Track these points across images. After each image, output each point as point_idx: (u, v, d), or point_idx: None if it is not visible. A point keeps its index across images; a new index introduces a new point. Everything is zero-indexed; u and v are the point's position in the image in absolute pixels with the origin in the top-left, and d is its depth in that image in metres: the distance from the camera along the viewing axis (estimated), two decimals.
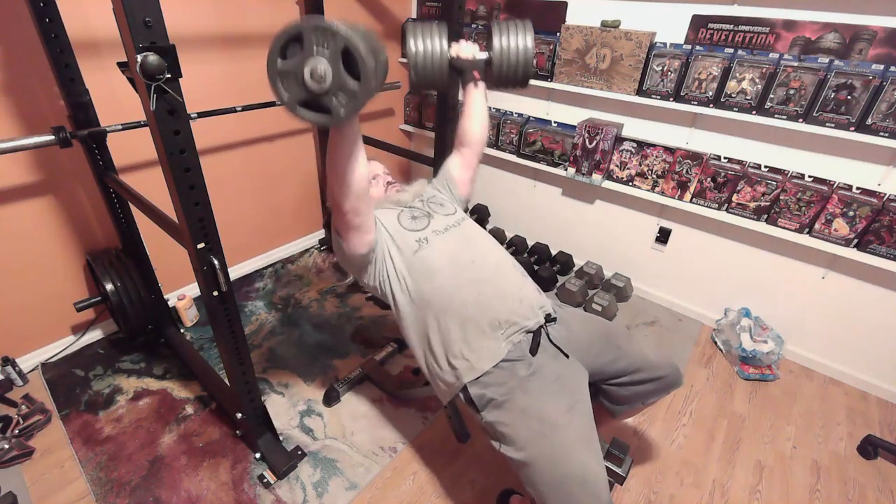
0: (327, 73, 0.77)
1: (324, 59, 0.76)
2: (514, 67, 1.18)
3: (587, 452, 0.95)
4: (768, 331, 2.02)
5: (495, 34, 1.18)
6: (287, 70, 0.78)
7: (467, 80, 1.30)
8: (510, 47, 1.17)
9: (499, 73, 1.19)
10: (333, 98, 0.79)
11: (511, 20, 1.19)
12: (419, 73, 1.14)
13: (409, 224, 1.23)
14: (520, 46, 1.17)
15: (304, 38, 0.76)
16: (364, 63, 0.76)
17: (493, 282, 1.15)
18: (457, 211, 1.33)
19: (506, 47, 1.17)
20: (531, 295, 1.17)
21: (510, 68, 1.18)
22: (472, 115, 1.36)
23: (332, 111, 0.80)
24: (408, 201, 1.33)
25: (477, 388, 1.07)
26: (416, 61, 1.13)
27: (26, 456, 1.49)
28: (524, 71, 1.19)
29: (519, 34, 1.17)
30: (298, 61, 0.77)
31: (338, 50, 0.76)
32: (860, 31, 1.57)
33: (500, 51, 1.17)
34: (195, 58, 1.88)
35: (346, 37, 0.74)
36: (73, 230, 1.79)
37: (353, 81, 0.78)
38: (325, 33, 0.75)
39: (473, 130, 1.37)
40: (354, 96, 0.79)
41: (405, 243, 1.19)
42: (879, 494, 1.54)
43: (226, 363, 1.36)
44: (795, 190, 1.79)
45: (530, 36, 1.17)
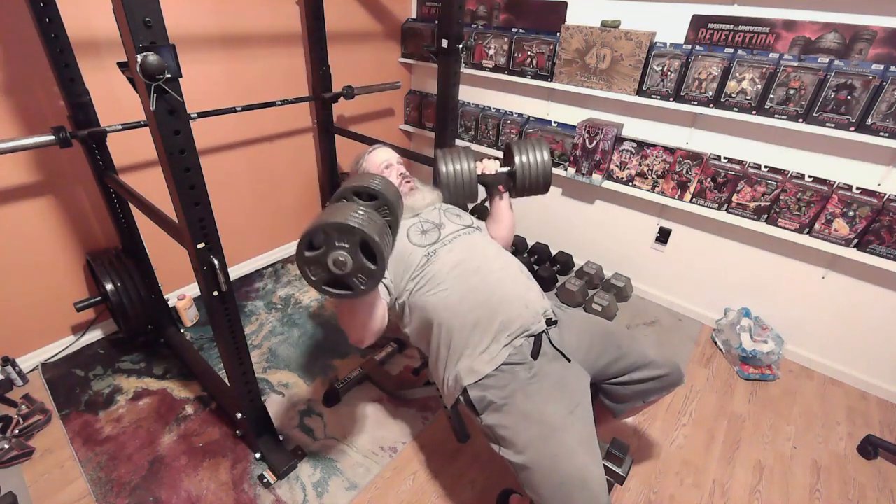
0: (348, 262, 0.89)
1: (344, 251, 0.88)
2: (535, 178, 1.35)
3: (587, 456, 0.95)
4: (768, 331, 2.02)
5: (515, 152, 1.35)
6: (314, 259, 0.90)
7: (493, 194, 1.45)
8: (529, 162, 1.34)
9: (522, 184, 1.36)
10: (354, 278, 0.91)
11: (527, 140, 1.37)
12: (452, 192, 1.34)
13: (417, 240, 1.27)
14: (538, 160, 1.34)
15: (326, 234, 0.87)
16: (381, 252, 0.88)
17: (499, 287, 1.16)
18: (472, 222, 1.38)
19: (526, 162, 1.34)
20: (536, 299, 1.18)
21: (532, 180, 1.35)
22: (500, 222, 1.47)
23: (353, 288, 0.93)
24: (420, 207, 1.36)
25: (477, 391, 1.07)
26: (449, 182, 1.32)
27: (26, 456, 1.49)
28: (545, 180, 1.36)
29: (536, 151, 1.34)
30: (323, 254, 0.89)
31: (356, 242, 0.88)
32: (860, 31, 1.57)
33: (521, 166, 1.34)
34: (195, 58, 1.88)
35: (363, 233, 0.86)
36: (73, 230, 1.79)
37: (371, 264, 0.90)
38: (344, 230, 0.86)
39: (501, 234, 1.46)
40: (372, 274, 0.91)
41: (413, 262, 1.23)
42: (879, 494, 1.54)
43: (226, 363, 1.36)
44: (795, 190, 1.79)
45: (546, 151, 1.34)
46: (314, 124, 2.47)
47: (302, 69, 2.30)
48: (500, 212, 1.45)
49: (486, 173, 1.38)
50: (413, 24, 2.65)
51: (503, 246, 1.44)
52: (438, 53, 1.80)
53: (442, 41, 1.75)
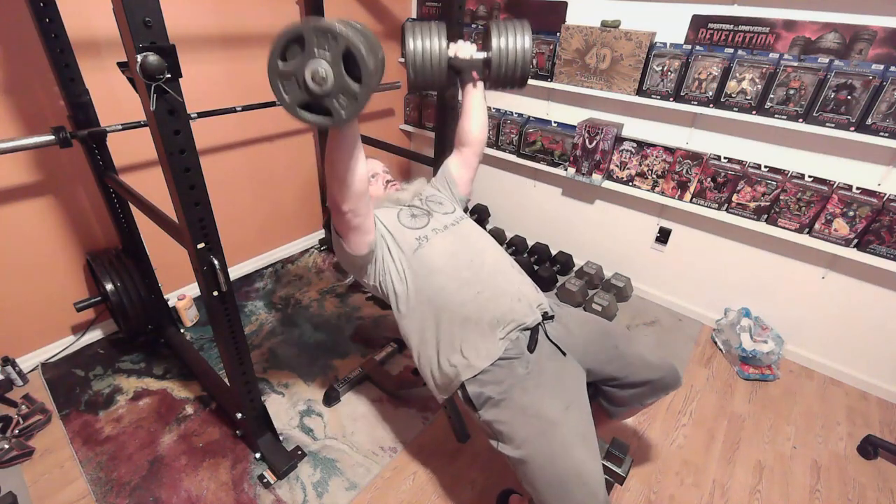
0: (328, 76, 0.76)
1: (325, 62, 0.76)
2: (513, 67, 1.18)
3: (585, 450, 0.95)
4: (768, 331, 2.02)
5: (494, 34, 1.17)
6: (288, 72, 0.78)
7: (466, 81, 1.31)
8: (508, 47, 1.16)
9: (497, 73, 1.19)
10: (335, 100, 0.79)
11: (509, 20, 1.18)
12: (417, 73, 1.14)
13: (408, 222, 1.24)
14: (518, 46, 1.16)
15: (305, 39, 0.75)
16: (366, 65, 0.75)
17: (492, 280, 1.15)
18: (456, 210, 1.34)
19: (504, 47, 1.16)
20: (529, 293, 1.17)
21: (509, 68, 1.18)
22: (472, 115, 1.36)
23: (333, 113, 0.80)
24: (407, 200, 1.33)
25: (475, 387, 1.07)
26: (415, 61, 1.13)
27: (26, 456, 1.49)
28: (522, 71, 1.18)
29: (517, 34, 1.16)
30: (299, 63, 0.77)
31: (339, 52, 0.75)
32: (860, 31, 1.57)
33: (499, 51, 1.16)
34: (195, 58, 1.88)
35: (347, 39, 0.74)
36: (73, 230, 1.79)
37: (355, 83, 0.77)
38: (326, 35, 0.74)
39: (472, 130, 1.37)
40: (355, 98, 0.79)
41: (405, 242, 1.19)
42: (879, 494, 1.54)
43: (226, 363, 1.36)
44: (795, 190, 1.79)
45: (528, 36, 1.16)
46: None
47: None
48: (472, 104, 1.35)
49: (460, 56, 1.21)
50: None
51: (476, 147, 1.39)
52: None
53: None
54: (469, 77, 1.29)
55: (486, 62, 1.20)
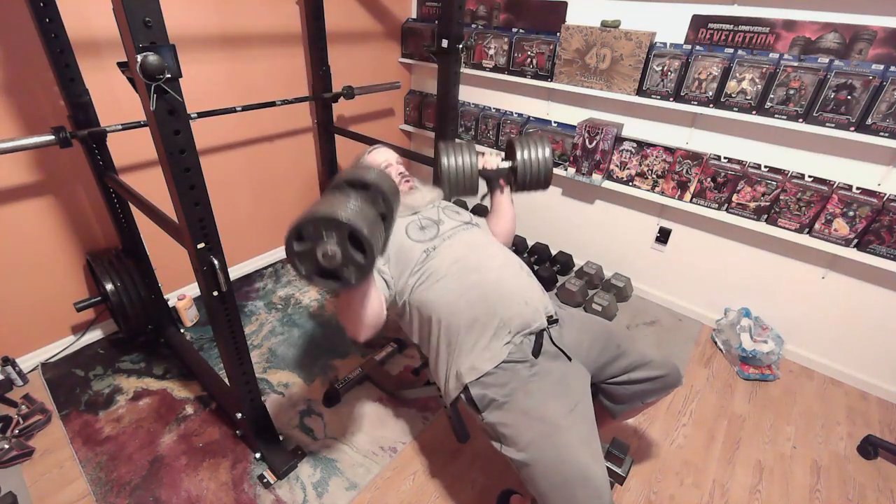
0: (336, 254, 0.87)
1: (333, 243, 0.87)
2: (536, 174, 1.34)
3: (588, 453, 0.95)
4: (768, 331, 2.02)
5: (517, 148, 1.34)
6: (303, 252, 0.89)
7: (494, 188, 1.43)
8: (531, 158, 1.32)
9: (523, 180, 1.35)
10: (344, 269, 0.90)
11: (529, 135, 1.37)
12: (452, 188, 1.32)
13: (416, 235, 1.27)
14: (539, 156, 1.32)
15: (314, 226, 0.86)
16: (370, 245, 0.86)
17: (499, 284, 1.16)
18: (471, 219, 1.38)
19: (527, 158, 1.32)
20: (536, 297, 1.18)
21: (533, 176, 1.34)
22: (501, 217, 1.46)
23: (342, 280, 0.91)
24: (420, 206, 1.35)
25: (478, 389, 1.07)
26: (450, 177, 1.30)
27: (26, 456, 1.49)
28: (546, 176, 1.34)
29: (538, 146, 1.33)
30: (311, 245, 0.88)
31: (344, 236, 0.86)
32: (860, 31, 1.57)
33: (523, 162, 1.33)
34: (195, 58, 1.88)
35: (350, 225, 0.84)
36: (73, 230, 1.79)
37: (360, 255, 0.88)
38: (331, 223, 0.85)
39: (503, 231, 1.46)
40: (362, 266, 0.90)
41: (412, 258, 1.22)
42: (879, 494, 1.54)
43: (226, 363, 1.36)
44: (795, 190, 1.79)
45: (548, 147, 1.33)
46: (314, 124, 2.47)
47: (302, 69, 2.30)
48: (501, 207, 1.45)
49: (488, 168, 1.38)
50: (413, 24, 2.65)
51: (504, 242, 1.44)
52: (438, 53, 1.80)
53: (442, 41, 1.75)
54: (497, 185, 1.42)
55: (511, 169, 1.36)
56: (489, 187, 1.45)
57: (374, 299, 1.11)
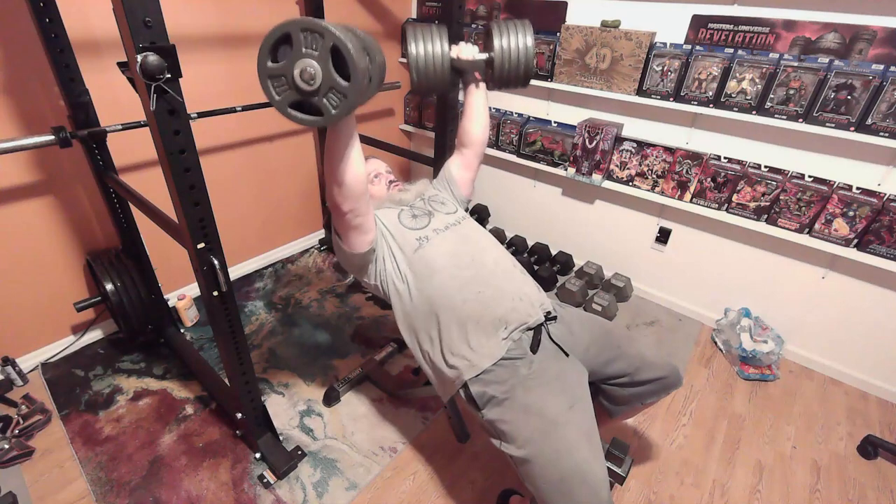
0: (317, 74, 0.76)
1: (313, 59, 0.76)
2: (516, 67, 1.18)
3: (588, 450, 0.95)
4: (768, 331, 2.02)
5: (495, 34, 1.17)
6: (277, 71, 0.78)
7: (468, 82, 1.31)
8: (511, 47, 1.16)
9: (500, 73, 1.19)
10: (325, 98, 0.79)
11: (510, 20, 1.18)
12: (421, 76, 1.13)
13: (409, 223, 1.24)
14: (520, 46, 1.16)
15: (292, 38, 0.76)
16: (354, 61, 0.75)
17: (493, 280, 1.16)
18: (458, 210, 1.34)
19: (506, 47, 1.16)
20: (531, 292, 1.17)
21: (511, 68, 1.18)
22: (473, 116, 1.37)
23: (323, 111, 0.80)
24: (409, 200, 1.33)
25: (478, 386, 1.07)
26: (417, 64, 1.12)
27: (26, 456, 1.49)
28: (525, 70, 1.18)
29: (519, 34, 1.17)
30: (288, 63, 0.77)
31: (327, 49, 0.75)
32: (860, 31, 1.57)
33: (501, 51, 1.16)
34: (195, 58, 1.88)
35: (334, 35, 0.74)
36: (73, 230, 1.79)
37: (344, 80, 0.77)
38: (313, 33, 0.75)
39: (474, 131, 1.38)
40: (346, 96, 0.79)
41: (406, 242, 1.19)
42: (879, 494, 1.54)
43: (226, 363, 1.36)
44: (795, 190, 1.79)
45: (530, 35, 1.16)
46: None
47: None
48: (475, 105, 1.36)
49: (462, 58, 1.21)
50: (413, 24, 2.64)
51: (477, 149, 1.39)
52: None
53: None
54: (472, 78, 1.29)
55: (488, 62, 1.20)
56: (463, 81, 1.31)
57: (358, 158, 0.99)
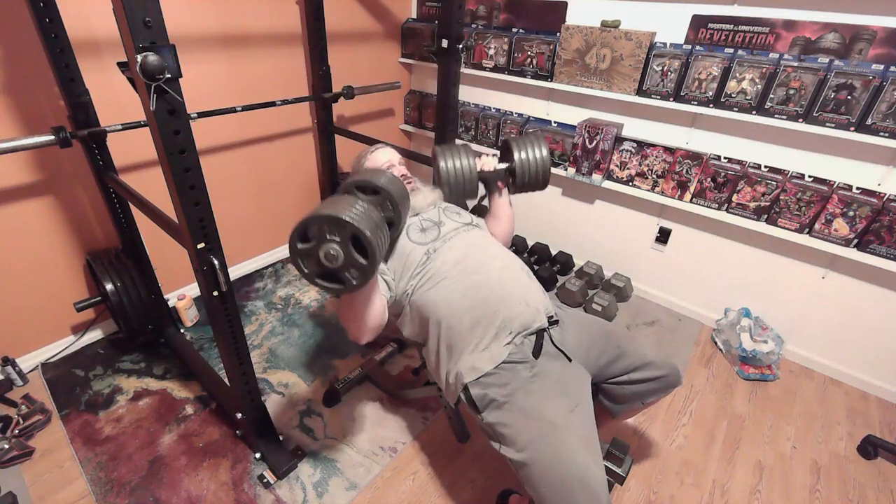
0: (339, 255, 0.89)
1: (335, 244, 0.88)
2: (534, 174, 1.34)
3: (588, 454, 0.95)
4: (768, 331, 2.02)
5: (514, 149, 1.33)
6: (306, 251, 0.90)
7: (492, 190, 1.43)
8: (529, 158, 1.32)
9: (521, 180, 1.35)
10: (346, 272, 0.91)
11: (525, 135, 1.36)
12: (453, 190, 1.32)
13: (417, 237, 1.27)
14: (537, 156, 1.32)
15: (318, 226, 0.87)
16: (372, 248, 0.87)
17: (499, 285, 1.16)
18: (472, 220, 1.38)
19: (525, 158, 1.32)
20: (537, 297, 1.18)
21: (531, 176, 1.34)
22: (500, 218, 1.46)
23: (345, 283, 0.93)
24: (421, 207, 1.35)
25: (478, 389, 1.07)
26: (449, 179, 1.30)
27: (26, 456, 1.49)
28: (543, 176, 1.35)
29: (535, 146, 1.33)
30: (315, 246, 0.89)
31: (347, 237, 0.87)
32: (860, 31, 1.57)
33: (521, 162, 1.33)
34: (195, 58, 1.88)
35: (353, 226, 0.86)
36: (73, 230, 1.79)
37: (362, 259, 0.89)
38: (335, 223, 0.86)
39: (500, 230, 1.47)
40: (364, 270, 0.91)
41: (414, 259, 1.22)
42: (879, 494, 1.54)
43: (226, 363, 1.36)
44: (795, 190, 1.79)
45: (545, 147, 1.33)
46: (314, 124, 2.47)
47: (302, 69, 2.30)
48: (500, 208, 1.45)
49: (486, 170, 1.38)
50: (413, 24, 2.65)
51: (504, 242, 1.44)
52: (438, 53, 1.80)
53: (442, 41, 1.75)
54: (495, 186, 1.42)
55: (509, 171, 1.37)
56: (487, 189, 1.45)
57: (376, 302, 1.11)
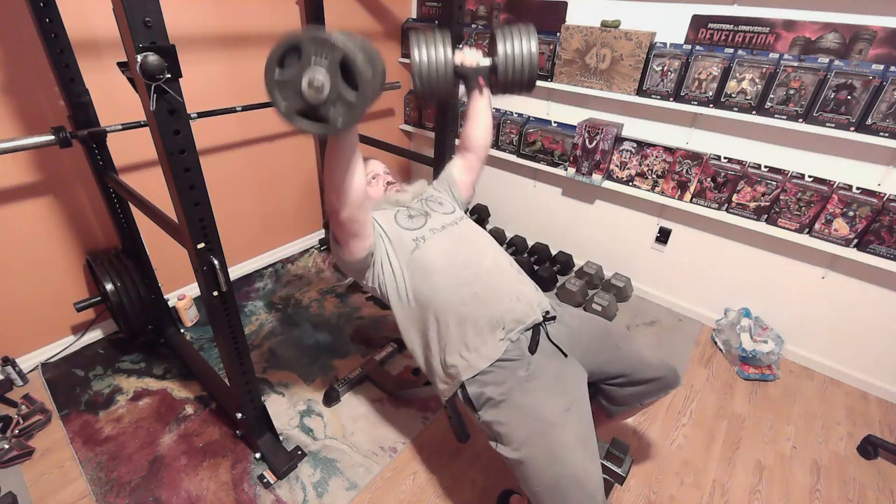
0: (325, 84, 0.77)
1: (322, 70, 0.76)
2: (520, 72, 1.17)
3: (584, 453, 0.95)
4: (768, 331, 2.02)
5: (499, 39, 1.16)
6: (285, 80, 0.79)
7: (472, 87, 1.30)
8: (515, 52, 1.16)
9: (504, 78, 1.18)
10: (331, 108, 0.80)
11: (514, 24, 1.17)
12: (424, 82, 1.13)
13: (405, 223, 1.24)
14: (524, 51, 1.15)
15: (302, 48, 0.76)
16: (362, 74, 0.76)
17: (490, 280, 1.15)
18: (455, 210, 1.34)
19: (510, 52, 1.15)
20: (529, 292, 1.17)
21: (516, 73, 1.17)
22: (477, 121, 1.36)
23: (329, 121, 0.81)
24: (407, 201, 1.33)
25: (475, 387, 1.07)
26: (421, 70, 1.12)
27: (26, 456, 1.49)
28: (529, 76, 1.18)
29: (523, 38, 1.15)
30: (296, 71, 0.77)
31: (336, 61, 0.76)
32: (860, 31, 1.57)
33: (505, 56, 1.16)
34: (195, 58, 1.88)
35: (344, 48, 0.75)
36: (73, 230, 1.79)
37: (351, 92, 0.79)
38: (323, 44, 0.75)
39: (477, 136, 1.37)
40: (352, 106, 0.80)
41: (402, 243, 1.19)
42: (879, 494, 1.54)
43: (226, 363, 1.36)
44: (795, 190, 1.79)
45: (534, 40, 1.15)
46: None
47: None
48: (478, 111, 1.35)
49: (466, 64, 1.21)
50: (413, 24, 2.65)
51: (479, 154, 1.39)
52: None
53: None
54: (475, 84, 1.28)
55: (492, 68, 1.20)
56: (467, 87, 1.30)
57: (356, 163, 1.00)
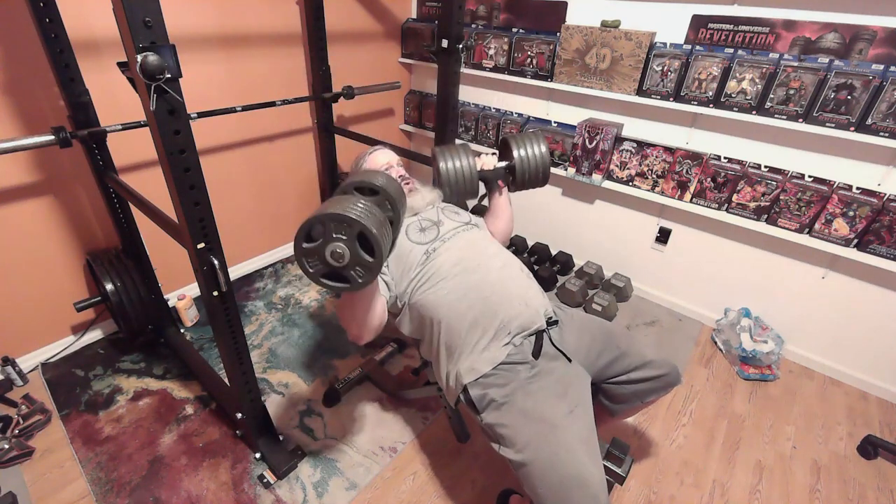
0: (345, 253, 0.89)
1: (342, 243, 0.89)
2: (535, 171, 1.35)
3: (586, 455, 0.95)
4: (768, 331, 2.02)
5: (513, 146, 1.34)
6: (311, 250, 0.90)
7: (492, 188, 1.43)
8: (528, 155, 1.33)
9: (521, 178, 1.36)
10: (351, 271, 0.92)
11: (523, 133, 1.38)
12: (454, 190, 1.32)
13: (416, 237, 1.27)
14: (536, 153, 1.33)
15: (325, 225, 0.88)
16: (379, 245, 0.88)
17: (499, 285, 1.16)
18: (470, 219, 1.38)
19: (524, 156, 1.33)
20: (536, 298, 1.18)
21: (531, 173, 1.35)
22: (502, 217, 1.46)
23: (351, 281, 0.93)
24: (420, 207, 1.35)
25: (477, 390, 1.07)
26: (449, 179, 1.30)
27: (26, 456, 1.49)
28: (544, 174, 1.36)
29: (534, 143, 1.33)
30: (321, 245, 0.89)
31: (354, 235, 0.88)
32: (860, 31, 1.57)
33: (521, 159, 1.33)
34: (195, 58, 1.88)
35: (361, 225, 0.87)
36: (73, 230, 1.79)
37: (368, 257, 0.90)
38: (342, 220, 0.87)
39: (501, 228, 1.47)
40: (370, 268, 0.91)
41: (413, 259, 1.22)
42: (879, 494, 1.54)
43: (226, 363, 1.36)
44: (795, 190, 1.79)
45: (544, 144, 1.33)
46: (314, 124, 2.47)
47: (302, 69, 2.30)
48: (500, 207, 1.45)
49: (485, 169, 1.38)
50: (413, 24, 2.65)
51: (502, 241, 1.45)
52: (438, 53, 1.80)
53: (442, 41, 1.75)
54: (495, 185, 1.42)
55: (508, 169, 1.37)
56: (487, 188, 1.45)
57: (377, 302, 1.11)
